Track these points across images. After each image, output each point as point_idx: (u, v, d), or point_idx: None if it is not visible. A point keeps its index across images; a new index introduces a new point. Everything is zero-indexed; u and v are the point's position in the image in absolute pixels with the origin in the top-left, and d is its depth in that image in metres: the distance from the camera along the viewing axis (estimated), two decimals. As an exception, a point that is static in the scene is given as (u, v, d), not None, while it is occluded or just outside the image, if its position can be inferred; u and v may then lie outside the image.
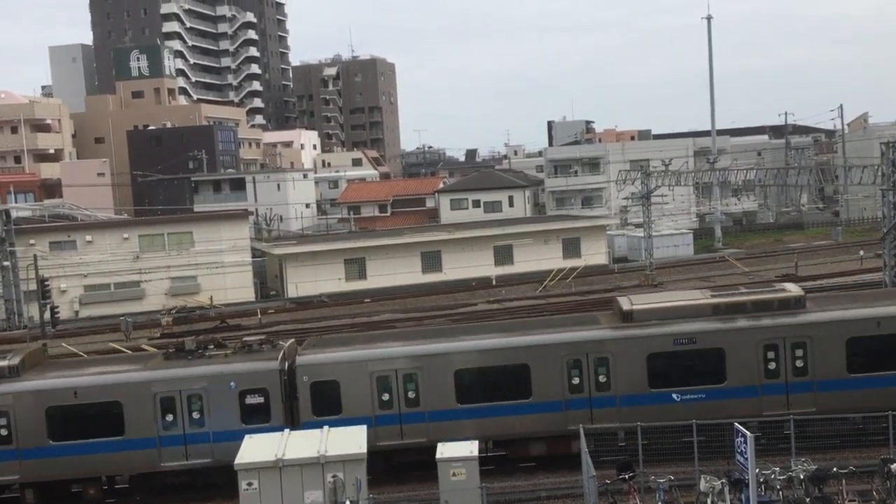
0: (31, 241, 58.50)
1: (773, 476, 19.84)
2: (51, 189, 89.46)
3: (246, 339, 27.20)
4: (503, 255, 65.51)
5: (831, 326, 24.64)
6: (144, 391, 24.72)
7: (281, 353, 25.49)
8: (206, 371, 25.04)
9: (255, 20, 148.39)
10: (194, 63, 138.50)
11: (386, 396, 24.76)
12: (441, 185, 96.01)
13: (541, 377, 24.70)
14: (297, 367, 24.92)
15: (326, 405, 24.63)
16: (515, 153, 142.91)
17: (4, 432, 24.55)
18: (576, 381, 24.70)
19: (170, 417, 24.68)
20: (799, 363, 24.59)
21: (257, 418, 24.55)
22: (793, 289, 26.09)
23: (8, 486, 25.23)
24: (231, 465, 20.94)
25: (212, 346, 26.52)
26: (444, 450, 21.78)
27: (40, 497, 25.04)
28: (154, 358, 26.89)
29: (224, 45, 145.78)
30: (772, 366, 24.59)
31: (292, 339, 28.51)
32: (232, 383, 24.68)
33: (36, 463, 24.61)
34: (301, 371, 24.82)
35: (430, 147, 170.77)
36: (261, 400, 24.68)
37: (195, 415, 24.68)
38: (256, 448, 21.21)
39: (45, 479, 24.86)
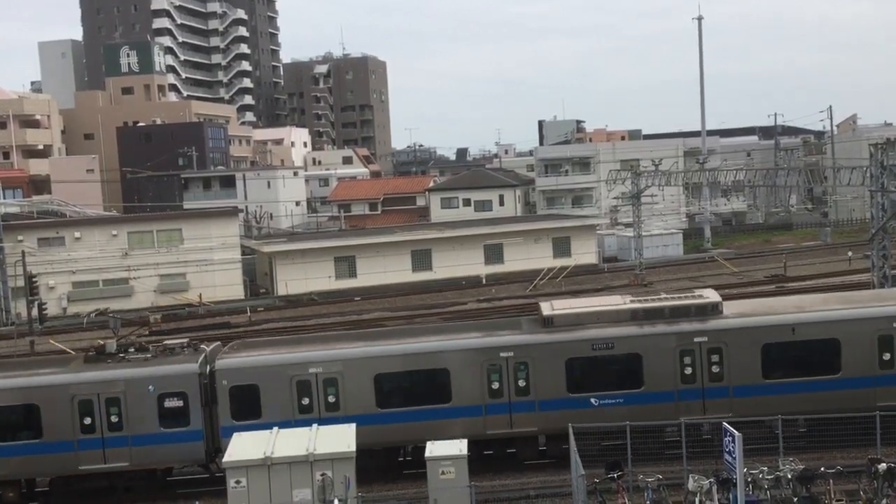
0: (20, 238, 58.25)
1: (760, 475, 19.87)
2: (39, 185, 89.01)
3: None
4: (493, 254, 65.52)
5: None
6: (866, 329, 23.95)
7: None
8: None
9: (246, 17, 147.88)
10: (185, 60, 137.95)
11: None
12: (431, 184, 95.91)
13: None
14: None
15: None
16: (506, 152, 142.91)
17: (716, 369, 24.22)
18: None
19: (886, 357, 23.87)
20: None
21: None
22: None
23: (700, 425, 23.49)
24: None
25: None
26: (434, 448, 21.74)
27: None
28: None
29: (215, 41, 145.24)
30: None
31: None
32: None
33: (749, 401, 24.00)
34: None
35: (421, 146, 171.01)
36: None
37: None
38: (245, 445, 21.14)
39: (755, 416, 23.41)
